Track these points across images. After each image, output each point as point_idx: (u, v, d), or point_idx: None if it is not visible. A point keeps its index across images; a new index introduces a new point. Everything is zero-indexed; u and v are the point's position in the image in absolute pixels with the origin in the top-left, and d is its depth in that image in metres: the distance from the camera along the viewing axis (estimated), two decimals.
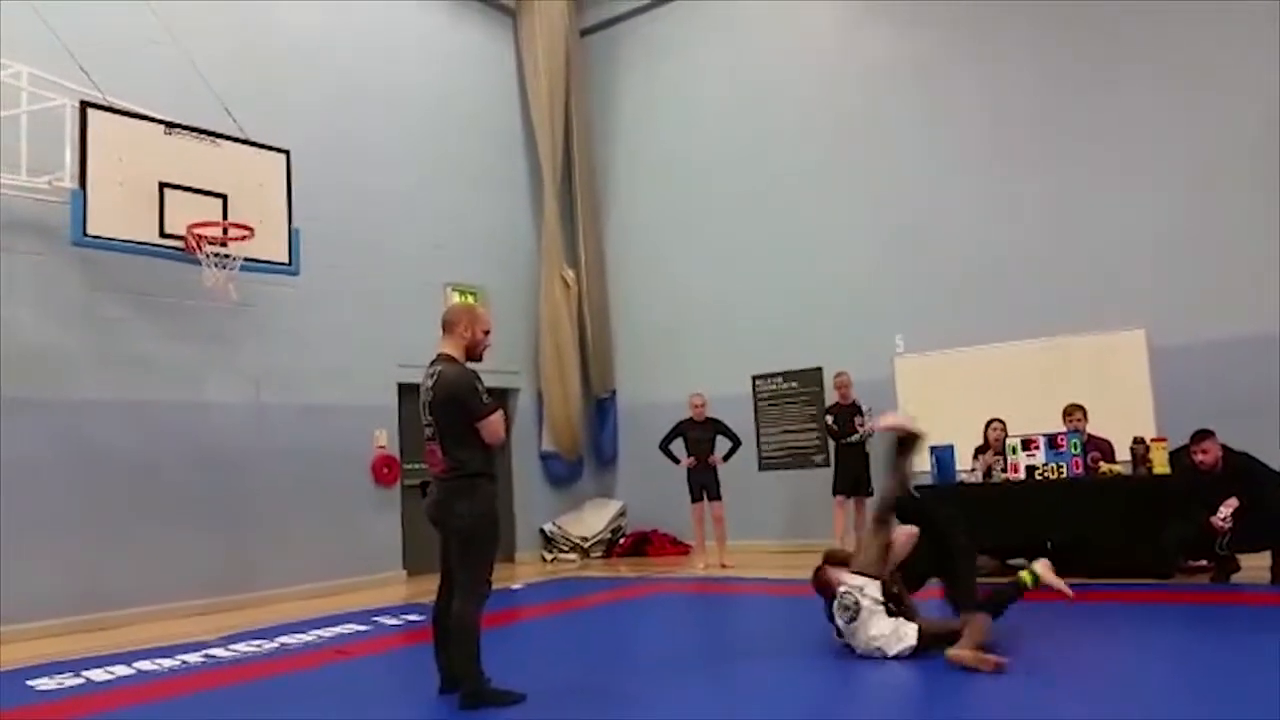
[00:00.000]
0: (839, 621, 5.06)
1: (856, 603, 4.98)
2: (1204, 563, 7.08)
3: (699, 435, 10.27)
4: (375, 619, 7.45)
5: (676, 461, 10.27)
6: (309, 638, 6.74)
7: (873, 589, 5.00)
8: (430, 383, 4.49)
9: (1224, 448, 6.90)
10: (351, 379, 10.08)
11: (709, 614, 7.82)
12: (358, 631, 6.96)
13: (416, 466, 10.36)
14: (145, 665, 5.95)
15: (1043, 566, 5.15)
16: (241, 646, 6.48)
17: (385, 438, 10.37)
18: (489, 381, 4.61)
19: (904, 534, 5.22)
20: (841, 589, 5.07)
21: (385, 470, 10.26)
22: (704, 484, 10.17)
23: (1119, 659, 4.84)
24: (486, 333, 4.66)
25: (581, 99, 13.18)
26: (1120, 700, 4.18)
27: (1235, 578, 6.82)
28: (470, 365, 4.56)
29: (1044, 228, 9.89)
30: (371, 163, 10.68)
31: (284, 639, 6.71)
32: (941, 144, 10.59)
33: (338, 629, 7.06)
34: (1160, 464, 7.39)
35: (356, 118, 10.61)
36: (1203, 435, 6.91)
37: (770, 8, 11.94)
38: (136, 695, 5.18)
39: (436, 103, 11.63)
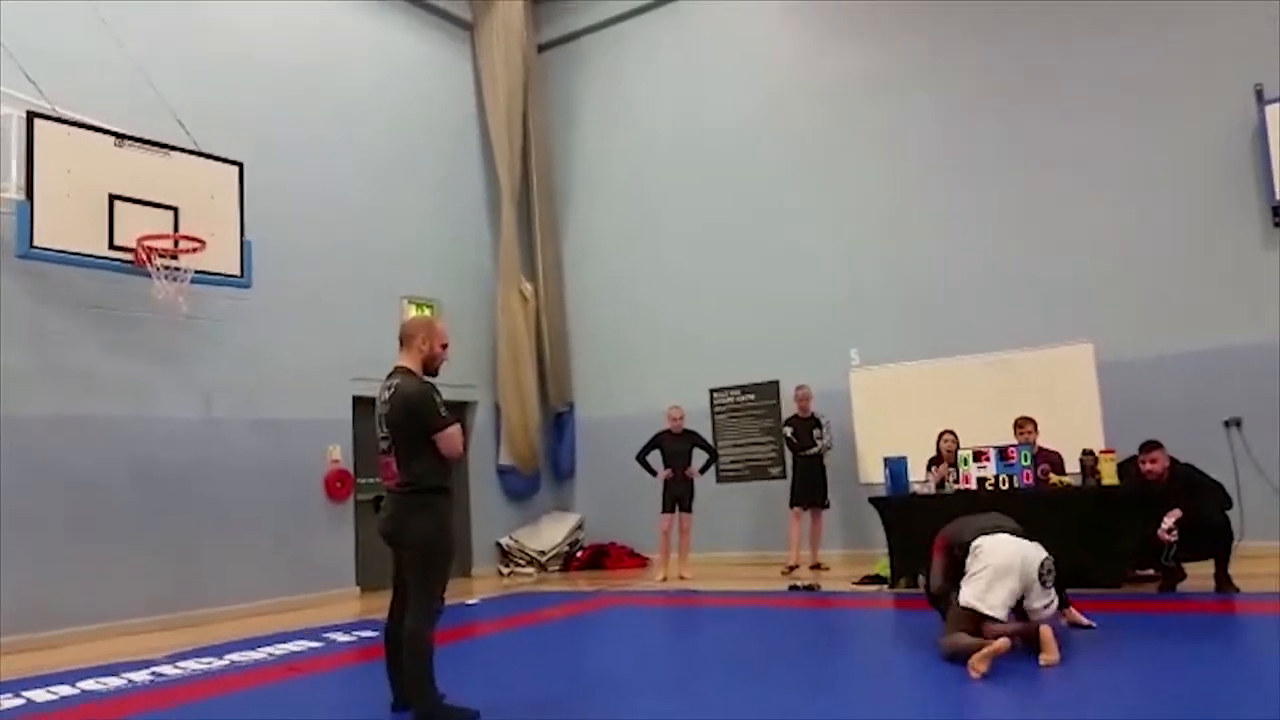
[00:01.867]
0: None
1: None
2: (1151, 572, 7.22)
3: (676, 447, 10.27)
4: (327, 636, 7.35)
5: (654, 473, 10.25)
6: (260, 655, 6.63)
7: None
8: (387, 395, 4.45)
9: (1170, 459, 7.05)
10: (305, 393, 9.97)
11: (668, 627, 7.81)
12: (310, 649, 6.86)
13: (370, 481, 10.29)
14: (90, 685, 5.81)
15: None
16: (190, 664, 6.36)
17: (339, 452, 10.26)
18: (446, 395, 4.58)
19: None
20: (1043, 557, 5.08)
21: (339, 485, 10.14)
22: (678, 495, 10.17)
23: (1070, 666, 4.91)
24: (444, 346, 4.63)
25: (539, 113, 13.19)
26: (1072, 706, 4.24)
27: (1181, 586, 6.96)
28: (428, 379, 4.54)
29: (996, 244, 10.09)
30: (326, 174, 10.60)
31: (234, 656, 6.60)
32: (896, 162, 10.77)
33: (289, 646, 6.96)
34: (1109, 475, 7.52)
35: (311, 129, 10.53)
36: (1151, 446, 7.06)
37: (727, 27, 12.08)
38: (80, 716, 5.06)
39: (393, 115, 11.57)
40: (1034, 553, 5.09)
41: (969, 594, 5.02)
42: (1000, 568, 5.00)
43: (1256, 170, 8.93)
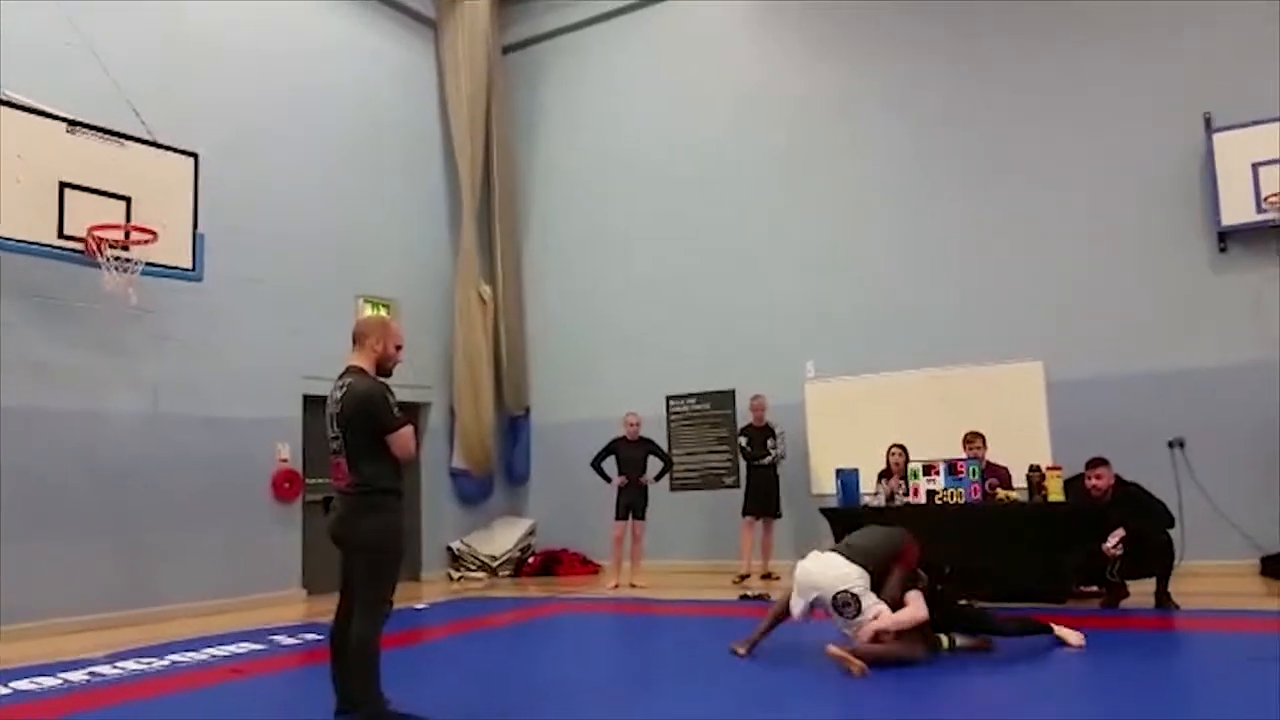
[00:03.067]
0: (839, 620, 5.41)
1: (855, 597, 5.30)
2: (1095, 588, 7.34)
3: (631, 454, 10.26)
4: (272, 638, 7.25)
5: (608, 480, 10.23)
6: (202, 656, 6.53)
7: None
8: (339, 394, 4.40)
9: (1116, 477, 7.19)
10: (255, 390, 9.82)
11: (618, 635, 7.80)
12: (253, 651, 6.76)
13: (319, 482, 10.16)
14: (23, 685, 5.67)
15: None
16: (130, 664, 6.24)
17: (288, 451, 10.11)
18: (400, 396, 4.54)
19: (911, 604, 5.39)
20: (839, 589, 5.34)
21: (287, 485, 10.00)
22: (631, 503, 10.16)
23: (1015, 679, 4.98)
24: (399, 347, 4.59)
25: (502, 115, 13.14)
26: (1015, 713, 4.32)
27: (1124, 603, 7.08)
28: (381, 379, 4.49)
29: (952, 262, 10.23)
30: (283, 169, 10.46)
31: (176, 657, 6.49)
32: (856, 178, 10.88)
33: (233, 648, 6.85)
34: (1055, 491, 7.65)
35: (270, 123, 10.39)
36: (1097, 462, 7.19)
37: (694, 38, 12.14)
38: (10, 717, 4.94)
39: (353, 112, 11.46)
40: (828, 582, 5.40)
41: None
42: (800, 584, 5.55)
43: (1204, 196, 9.15)
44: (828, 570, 5.46)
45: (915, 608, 5.31)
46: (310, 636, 7.16)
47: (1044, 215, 9.83)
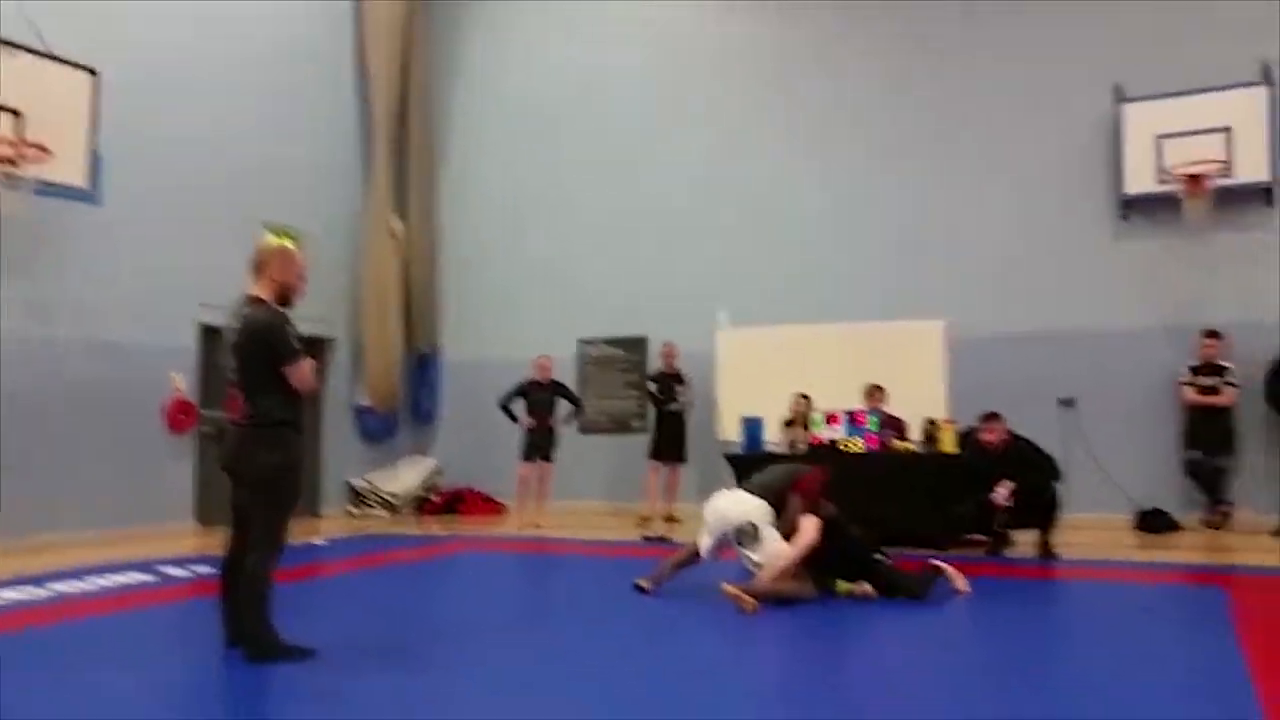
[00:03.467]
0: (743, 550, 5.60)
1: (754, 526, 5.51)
2: (981, 537, 7.63)
3: (541, 396, 10.21)
4: (161, 569, 7.05)
5: (516, 420, 10.17)
6: (87, 586, 6.32)
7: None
8: (237, 325, 4.25)
9: (1009, 432, 7.44)
10: (151, 317, 9.46)
11: (519, 573, 7.83)
12: (142, 582, 6.57)
13: (216, 413, 9.88)
14: None
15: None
16: (10, 594, 6.00)
17: (183, 381, 9.79)
18: (303, 328, 4.41)
19: (804, 530, 5.55)
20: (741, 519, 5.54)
21: (181, 415, 9.69)
22: (539, 444, 10.14)
23: (901, 621, 5.16)
24: (300, 277, 4.44)
25: (423, 44, 12.72)
26: (908, 651, 4.47)
27: (1007, 552, 7.38)
28: (280, 309, 4.35)
29: (861, 220, 10.43)
30: (188, 92, 9.96)
31: (59, 586, 6.26)
32: (773, 134, 10.95)
33: (120, 578, 6.64)
34: (948, 444, 7.90)
35: (177, 47, 9.86)
36: (991, 417, 7.43)
37: None
38: None
39: (264, 36, 10.94)
40: (735, 515, 5.65)
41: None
42: (709, 522, 5.79)
43: (1111, 165, 9.42)
44: (735, 505, 5.72)
45: (806, 533, 5.48)
46: (201, 569, 6.97)
47: (954, 179, 10.03)
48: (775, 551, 5.47)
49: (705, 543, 5.78)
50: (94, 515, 8.81)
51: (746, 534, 5.55)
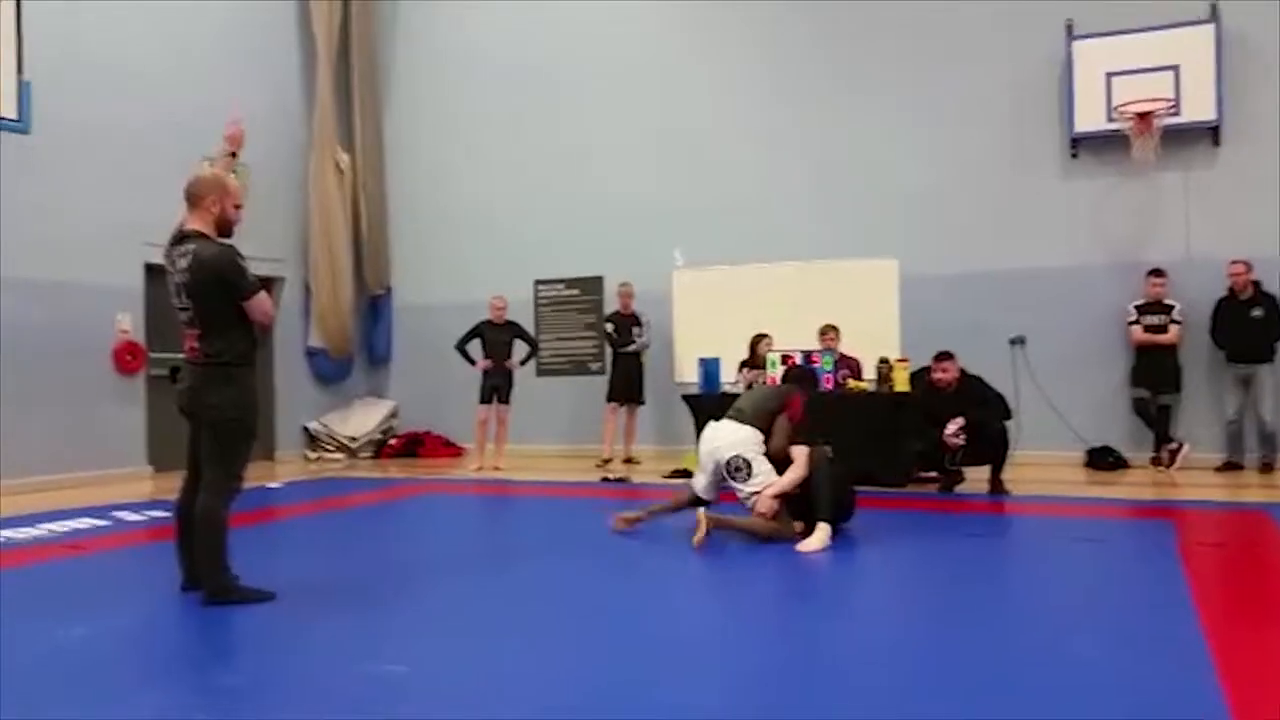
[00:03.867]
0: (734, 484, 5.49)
1: (746, 461, 5.41)
2: (934, 474, 7.77)
3: (497, 337, 10.14)
4: (114, 514, 6.97)
5: (472, 362, 10.09)
6: (38, 532, 6.24)
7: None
8: (184, 263, 4.12)
9: (961, 370, 7.54)
10: (94, 256, 9.22)
11: (479, 515, 7.83)
12: (95, 527, 6.49)
13: (163, 356, 9.72)
14: None
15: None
16: None
17: (129, 322, 9.58)
18: (250, 268, 4.30)
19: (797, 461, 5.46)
20: (732, 456, 5.43)
21: (129, 358, 9.51)
22: (496, 386, 10.09)
23: (858, 555, 5.25)
24: (238, 207, 4.31)
25: None
26: (855, 588, 4.56)
27: (959, 488, 7.53)
28: (225, 241, 4.23)
29: (815, 159, 10.37)
30: (123, 19, 9.61)
31: (8, 533, 6.17)
32: (727, 71, 10.83)
33: (72, 523, 6.56)
34: (901, 383, 8.00)
35: None
36: (944, 356, 7.51)
37: None
38: None
39: None
40: (725, 449, 5.51)
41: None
42: (701, 458, 5.72)
43: (1061, 103, 9.46)
44: (725, 436, 5.57)
45: (799, 465, 5.39)
46: (156, 513, 6.90)
47: (906, 116, 10.00)
48: (764, 484, 5.39)
49: (700, 481, 5.70)
50: (44, 462, 8.65)
51: (738, 469, 5.44)
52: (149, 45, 9.89)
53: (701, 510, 5.42)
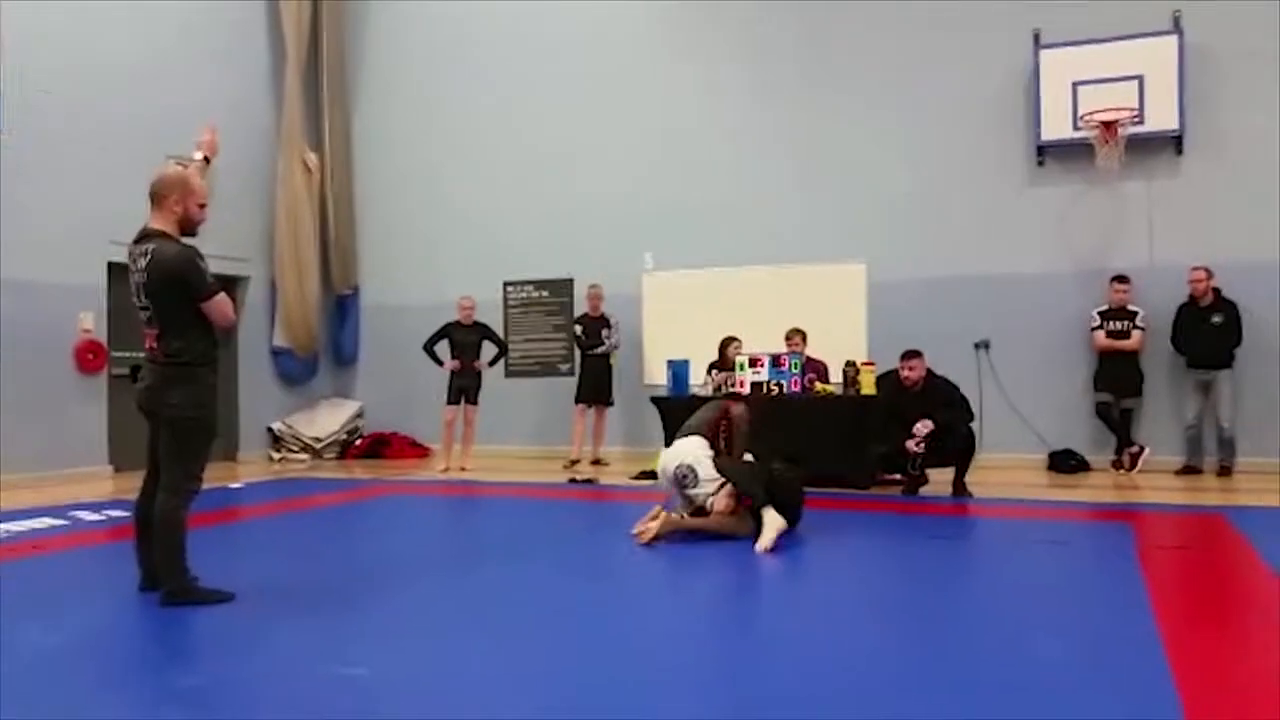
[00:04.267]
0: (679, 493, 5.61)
1: (691, 469, 5.49)
2: (898, 476, 7.82)
3: (465, 338, 10.09)
4: (74, 514, 6.87)
5: (440, 363, 10.03)
6: None
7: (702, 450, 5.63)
8: (144, 263, 4.07)
9: (928, 370, 7.59)
10: (56, 254, 9.09)
11: (444, 516, 7.78)
12: (54, 526, 6.39)
13: (125, 355, 9.61)
14: None
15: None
16: None
17: (91, 321, 9.45)
18: (215, 267, 4.26)
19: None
20: (676, 467, 5.52)
21: (90, 357, 9.38)
22: (464, 387, 10.05)
23: (820, 558, 5.28)
24: (203, 205, 4.27)
25: None
26: (825, 587, 4.58)
27: (923, 490, 7.59)
28: (187, 242, 4.19)
29: (786, 164, 10.42)
30: (89, 17, 9.49)
31: None
32: (698, 76, 10.84)
33: (32, 523, 6.46)
34: (868, 386, 8.04)
35: None
36: (912, 354, 7.56)
37: None
38: None
39: None
40: (671, 462, 5.64)
41: None
42: (661, 484, 5.87)
43: (1028, 111, 9.57)
44: (671, 452, 5.73)
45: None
46: (116, 513, 6.81)
47: (875, 123, 10.07)
48: (716, 484, 5.46)
49: (668, 494, 5.81)
50: (3, 461, 8.51)
51: (685, 476, 5.51)
52: (115, 43, 9.78)
53: (661, 510, 5.48)
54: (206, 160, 4.60)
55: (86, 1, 9.44)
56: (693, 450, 5.63)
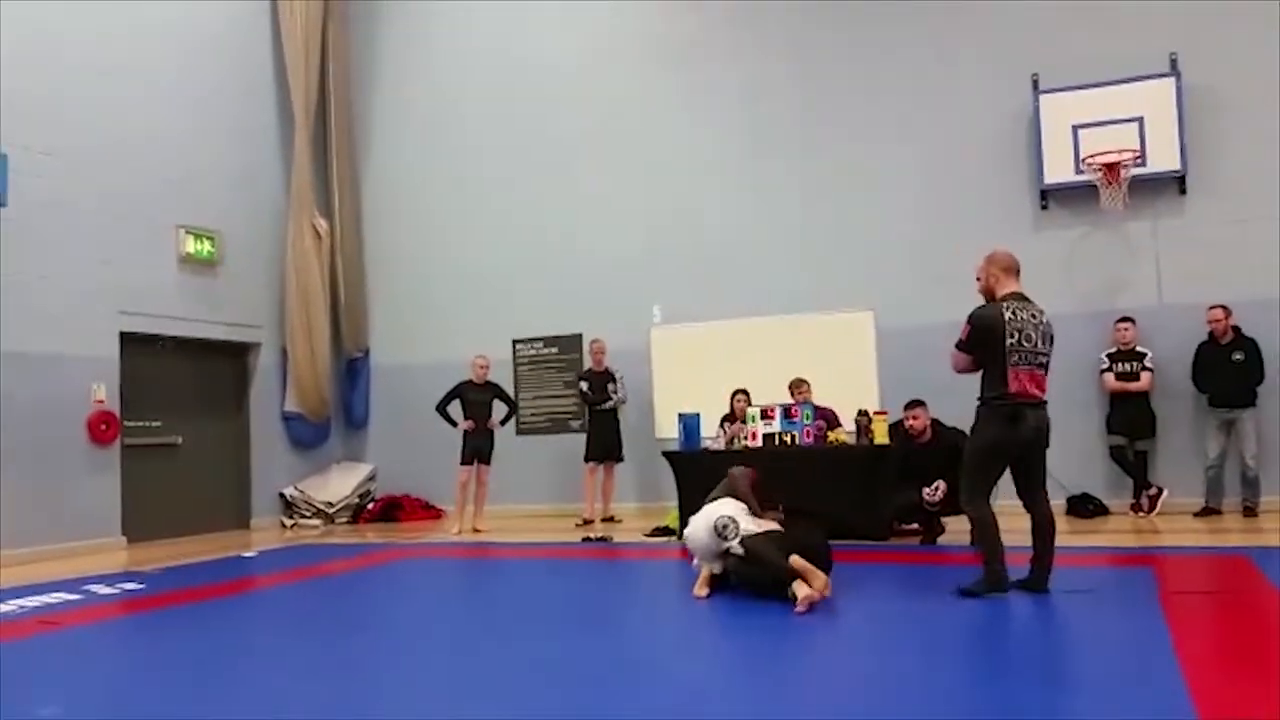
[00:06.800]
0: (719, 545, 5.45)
1: (733, 519, 5.42)
2: (915, 526, 7.74)
3: (478, 397, 10.10)
4: (87, 587, 6.83)
5: (454, 424, 10.02)
6: (9, 607, 6.09)
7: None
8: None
9: (937, 422, 7.55)
10: (69, 326, 9.18)
11: (461, 580, 7.70)
12: (67, 601, 6.35)
13: (138, 425, 9.65)
14: None
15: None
16: None
17: (104, 392, 9.49)
18: (222, 335, 4.27)
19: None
20: (717, 518, 5.44)
21: (103, 428, 9.40)
22: (479, 448, 10.03)
23: (847, 611, 5.20)
24: None
25: (341, 41, 12.53)
26: (846, 643, 4.50)
27: (940, 539, 7.50)
28: None
29: (792, 213, 10.49)
30: (99, 89, 9.69)
31: None
32: (705, 127, 10.97)
33: (44, 598, 6.42)
34: (881, 435, 7.99)
35: (85, 38, 9.57)
36: (914, 404, 7.55)
37: None
38: None
39: (177, 28, 10.66)
40: (711, 516, 5.53)
41: None
42: (692, 548, 5.71)
43: (1030, 155, 9.63)
44: (705, 513, 5.63)
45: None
46: (129, 586, 6.78)
47: (878, 171, 10.15)
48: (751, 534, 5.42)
49: (703, 562, 5.64)
50: (16, 534, 8.51)
51: (725, 526, 5.43)
52: (125, 114, 9.94)
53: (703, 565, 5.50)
54: None
55: (94, 73, 9.63)
56: (729, 505, 5.65)
